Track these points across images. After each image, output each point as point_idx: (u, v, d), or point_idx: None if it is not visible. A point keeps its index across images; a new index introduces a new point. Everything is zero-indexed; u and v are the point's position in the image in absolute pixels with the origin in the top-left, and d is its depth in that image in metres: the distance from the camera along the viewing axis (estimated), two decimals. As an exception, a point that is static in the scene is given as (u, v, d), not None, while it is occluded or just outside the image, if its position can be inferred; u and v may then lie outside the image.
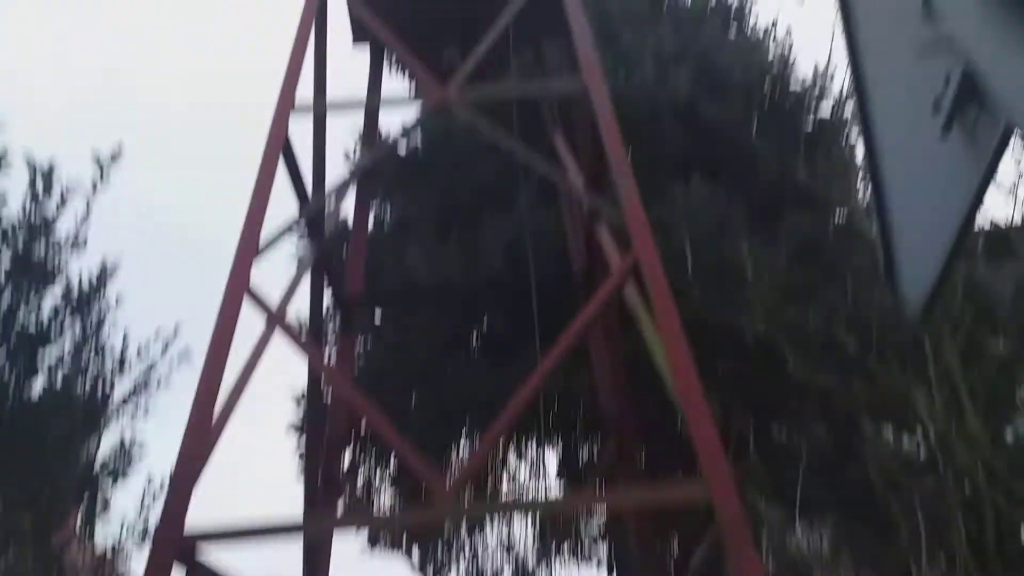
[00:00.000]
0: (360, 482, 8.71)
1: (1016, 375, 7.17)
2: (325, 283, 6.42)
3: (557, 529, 9.97)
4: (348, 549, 10.01)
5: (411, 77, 9.19)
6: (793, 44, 8.99)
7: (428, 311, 8.44)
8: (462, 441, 8.33)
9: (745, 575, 3.43)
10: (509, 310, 7.27)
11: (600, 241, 5.53)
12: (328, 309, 8.34)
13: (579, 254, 7.17)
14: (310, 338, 6.08)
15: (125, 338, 8.08)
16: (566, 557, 10.45)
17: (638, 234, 4.58)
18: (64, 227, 8.00)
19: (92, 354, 7.81)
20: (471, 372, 8.71)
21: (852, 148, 8.31)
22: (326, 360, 6.82)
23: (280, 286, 5.20)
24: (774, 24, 9.24)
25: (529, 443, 9.59)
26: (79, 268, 8.08)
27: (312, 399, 6.12)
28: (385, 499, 8.94)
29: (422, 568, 9.17)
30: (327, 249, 6.42)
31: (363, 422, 8.16)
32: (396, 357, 7.94)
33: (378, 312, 9.40)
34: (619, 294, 4.79)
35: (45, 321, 7.68)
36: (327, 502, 5.95)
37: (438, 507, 3.98)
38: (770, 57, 8.93)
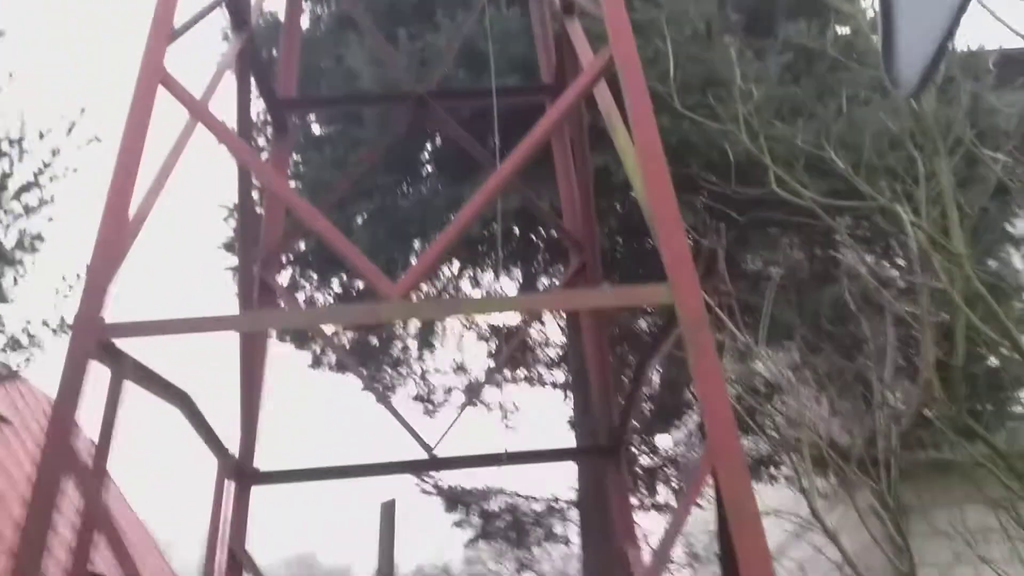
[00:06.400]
0: (301, 302, 8.20)
1: (1010, 203, 6.89)
2: (253, 85, 5.58)
3: (515, 355, 9.78)
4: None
5: None
6: None
7: (373, 120, 7.62)
8: (412, 261, 7.82)
9: (706, 378, 3.26)
10: (466, 121, 6.54)
11: (572, 40, 4.82)
12: (259, 115, 7.51)
13: (547, 56, 6.41)
14: (239, 140, 5.30)
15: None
16: (521, 382, 10.38)
17: (616, 27, 3.93)
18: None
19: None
20: (423, 189, 8.12)
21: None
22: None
23: (202, 84, 4.51)
24: None
25: (485, 273, 9.13)
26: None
27: (244, 204, 5.41)
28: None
29: (369, 390, 8.89)
30: (255, 45, 5.52)
31: (301, 239, 7.62)
32: (338, 173, 7.21)
33: (317, 126, 8.59)
34: (590, 98, 4.19)
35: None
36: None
37: (385, 306, 3.62)
38: None
